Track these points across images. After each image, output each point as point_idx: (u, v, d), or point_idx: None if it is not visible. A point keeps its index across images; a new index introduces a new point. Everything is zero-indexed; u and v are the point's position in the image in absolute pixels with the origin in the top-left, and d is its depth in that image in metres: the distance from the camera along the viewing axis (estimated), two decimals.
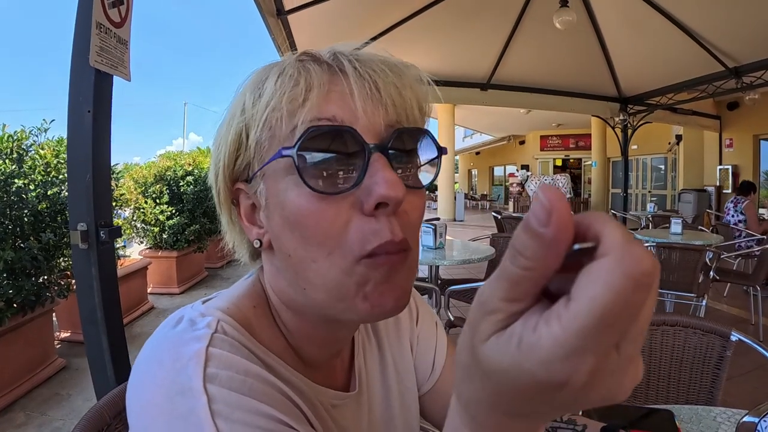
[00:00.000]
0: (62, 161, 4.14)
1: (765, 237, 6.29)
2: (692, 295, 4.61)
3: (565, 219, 0.29)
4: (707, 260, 4.78)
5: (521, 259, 0.30)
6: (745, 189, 7.46)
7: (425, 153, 0.63)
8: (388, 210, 0.55)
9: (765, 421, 0.72)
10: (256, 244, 0.64)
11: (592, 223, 0.32)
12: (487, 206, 28.49)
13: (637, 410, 1.19)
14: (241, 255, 0.72)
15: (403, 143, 0.60)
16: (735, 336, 1.77)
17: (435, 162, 0.64)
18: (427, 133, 0.62)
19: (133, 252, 6.83)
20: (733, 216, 7.22)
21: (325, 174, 0.55)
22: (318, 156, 0.55)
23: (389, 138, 0.57)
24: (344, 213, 0.55)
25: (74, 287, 3.92)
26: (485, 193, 33.39)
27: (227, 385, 0.51)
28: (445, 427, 0.42)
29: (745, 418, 0.74)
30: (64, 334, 4.67)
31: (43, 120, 4.08)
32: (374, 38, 7.64)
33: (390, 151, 0.57)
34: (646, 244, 5.11)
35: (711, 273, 4.88)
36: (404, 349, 0.91)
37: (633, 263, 0.28)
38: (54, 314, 4.26)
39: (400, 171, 0.58)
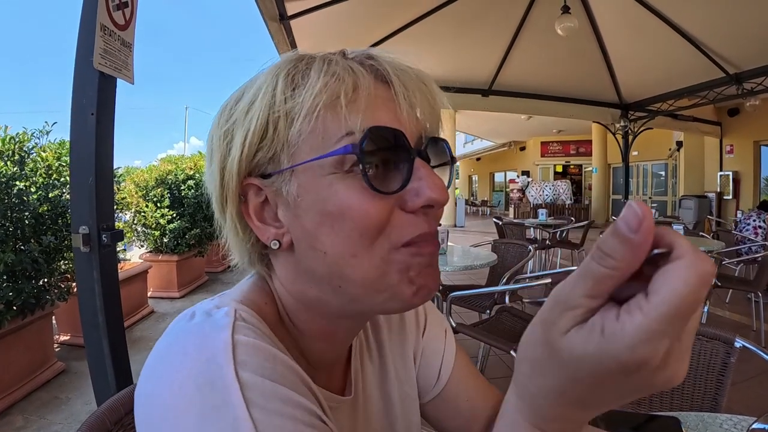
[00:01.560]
0: (64, 164, 4.14)
1: None
2: None
3: (651, 227, 0.35)
4: None
5: (609, 260, 0.36)
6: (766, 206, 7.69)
7: (441, 160, 0.67)
8: (431, 210, 0.60)
9: None
10: (274, 245, 0.61)
11: (663, 234, 0.37)
12: (488, 212, 28.54)
13: (643, 417, 1.18)
14: (241, 258, 0.68)
15: (428, 150, 0.63)
16: (739, 342, 1.75)
17: (447, 169, 0.68)
18: (445, 142, 0.66)
19: (133, 256, 6.83)
20: (755, 220, 7.34)
21: (376, 173, 0.57)
22: (372, 157, 0.56)
23: (424, 145, 0.61)
24: (388, 209, 0.57)
25: (74, 290, 3.93)
26: (486, 199, 33.49)
27: (259, 373, 0.50)
28: (497, 425, 0.47)
29: (755, 425, 0.74)
30: (64, 338, 4.66)
31: (45, 122, 4.09)
32: (376, 44, 7.71)
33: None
34: None
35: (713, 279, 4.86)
36: (407, 357, 0.91)
37: (702, 264, 0.34)
38: (54, 317, 4.25)
39: None
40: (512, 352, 2.98)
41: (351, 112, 0.55)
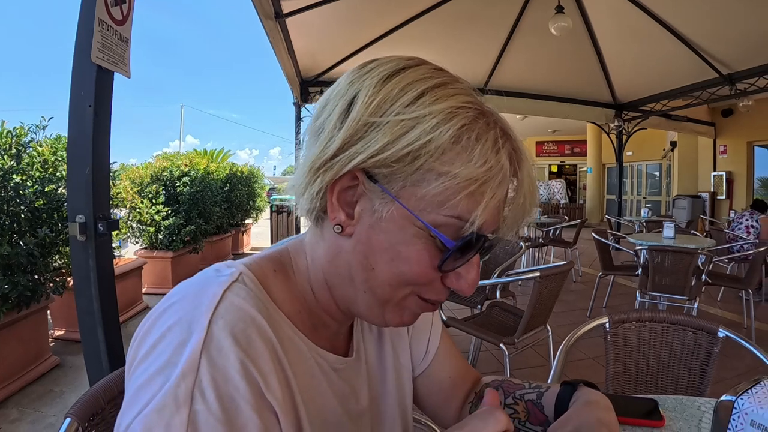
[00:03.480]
0: (60, 158, 4.16)
1: (765, 242, 6.30)
2: (684, 298, 4.64)
3: None
4: (699, 264, 4.81)
5: None
6: (761, 206, 7.88)
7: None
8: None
9: (741, 398, 0.75)
10: (337, 230, 0.65)
11: None
12: None
13: (621, 398, 1.22)
14: (302, 207, 0.70)
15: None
16: (722, 332, 1.77)
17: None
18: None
19: (128, 252, 6.84)
20: (747, 220, 7.39)
21: (449, 255, 0.61)
22: (457, 251, 0.61)
23: (490, 242, 0.66)
24: (436, 276, 0.64)
25: (70, 284, 3.95)
26: None
27: (227, 329, 0.56)
28: None
29: (724, 398, 0.78)
30: (59, 333, 4.67)
31: (42, 117, 4.10)
32: (370, 44, 7.71)
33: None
34: (639, 247, 5.14)
35: (703, 276, 4.91)
36: (401, 329, 0.95)
37: None
38: (49, 312, 4.27)
39: None
40: (501, 345, 3.02)
41: (477, 205, 0.59)
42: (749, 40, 7.30)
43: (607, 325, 1.89)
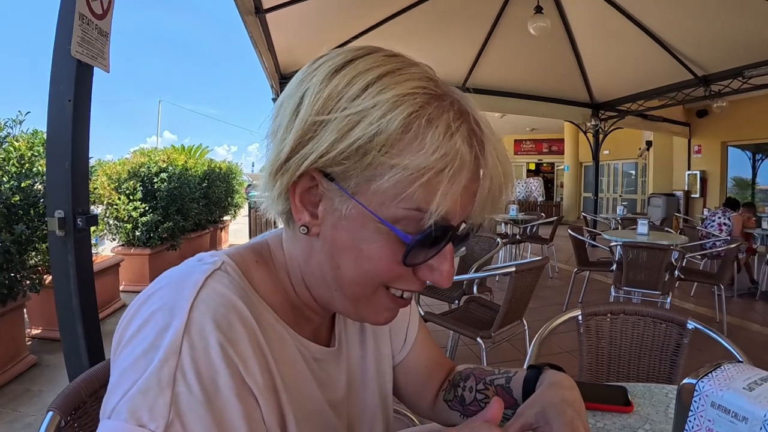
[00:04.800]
0: (36, 154, 4.10)
1: (736, 239, 6.43)
2: (658, 292, 4.73)
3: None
4: (672, 260, 4.90)
5: None
6: (733, 204, 8.00)
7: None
8: None
9: (702, 381, 0.79)
10: (302, 231, 0.64)
11: None
12: None
13: (590, 385, 1.26)
14: (274, 214, 0.70)
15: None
16: (691, 324, 1.82)
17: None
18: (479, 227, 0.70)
19: (105, 249, 6.76)
20: (720, 217, 7.53)
21: (413, 247, 0.60)
22: (420, 244, 0.60)
23: (464, 231, 0.66)
24: (405, 270, 0.63)
25: (47, 282, 3.90)
26: None
27: (209, 314, 0.58)
28: None
29: (686, 381, 0.81)
30: (36, 331, 4.61)
31: (18, 112, 4.05)
32: (348, 41, 7.71)
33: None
34: (614, 244, 5.23)
35: (676, 272, 5.00)
36: None
37: None
38: (25, 311, 4.21)
39: None
40: (478, 339, 3.06)
41: (434, 195, 0.56)
42: (724, 43, 7.45)
43: (580, 317, 1.93)
